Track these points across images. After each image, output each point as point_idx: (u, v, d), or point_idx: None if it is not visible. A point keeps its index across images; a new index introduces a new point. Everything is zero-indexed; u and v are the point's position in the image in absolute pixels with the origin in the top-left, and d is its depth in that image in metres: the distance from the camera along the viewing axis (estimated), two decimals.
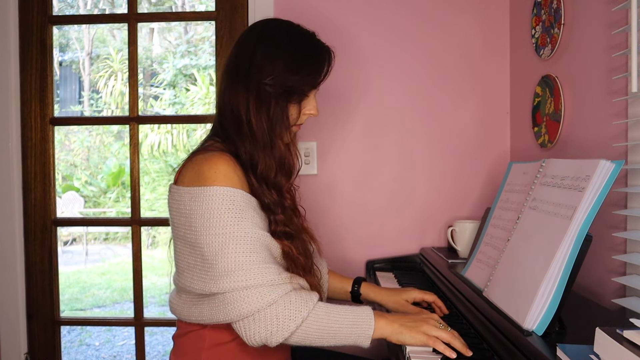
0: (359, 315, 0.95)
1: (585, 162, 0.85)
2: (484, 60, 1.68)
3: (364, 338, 0.94)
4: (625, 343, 0.58)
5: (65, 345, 3.84)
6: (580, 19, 1.22)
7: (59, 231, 2.05)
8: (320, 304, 0.95)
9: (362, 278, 1.29)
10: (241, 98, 1.01)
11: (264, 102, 1.01)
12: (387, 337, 0.95)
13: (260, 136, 1.01)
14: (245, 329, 0.90)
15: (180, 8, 10.62)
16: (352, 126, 1.69)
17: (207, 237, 0.92)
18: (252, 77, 1.01)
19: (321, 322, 0.93)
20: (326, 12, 1.67)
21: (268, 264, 0.93)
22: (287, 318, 0.90)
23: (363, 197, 1.70)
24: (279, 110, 1.03)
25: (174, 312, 1.05)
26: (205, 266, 0.93)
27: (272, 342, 0.90)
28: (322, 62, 1.07)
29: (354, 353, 1.33)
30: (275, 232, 1.01)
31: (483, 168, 1.69)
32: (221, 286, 0.90)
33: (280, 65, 1.01)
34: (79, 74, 11.73)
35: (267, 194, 1.01)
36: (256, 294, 0.89)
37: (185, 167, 1.01)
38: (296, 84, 1.03)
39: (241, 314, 0.89)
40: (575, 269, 0.80)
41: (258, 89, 1.01)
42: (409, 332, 0.93)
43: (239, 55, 1.05)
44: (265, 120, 1.02)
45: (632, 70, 0.94)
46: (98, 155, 10.08)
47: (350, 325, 0.94)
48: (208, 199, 0.92)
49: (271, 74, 1.01)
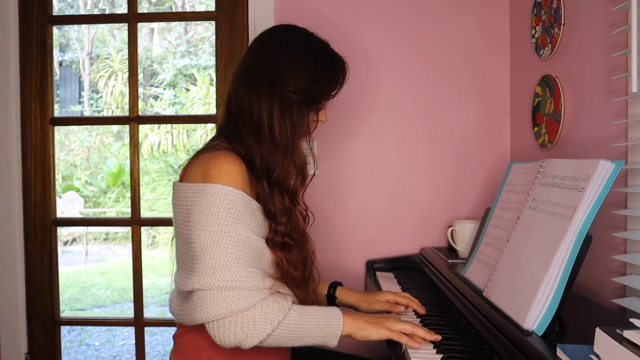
0: (328, 315, 0.98)
1: (585, 162, 0.85)
2: (484, 60, 1.68)
3: (333, 337, 0.97)
4: (625, 343, 0.58)
5: (65, 345, 3.84)
6: (580, 19, 1.22)
7: (59, 231, 2.05)
8: (294, 306, 0.96)
9: (338, 282, 1.29)
10: (264, 103, 1.02)
11: (287, 108, 1.03)
12: (352, 333, 0.98)
13: (282, 142, 1.02)
14: (219, 330, 0.89)
15: (180, 8, 10.62)
16: (352, 126, 1.69)
17: (201, 233, 0.91)
18: (276, 83, 1.03)
19: (294, 324, 0.94)
20: (326, 12, 1.67)
21: (253, 268, 0.94)
22: (264, 321, 0.90)
23: (363, 197, 1.70)
24: (301, 117, 1.06)
25: (172, 311, 1.05)
26: (192, 262, 0.93)
27: (247, 344, 0.90)
28: (340, 73, 1.12)
29: (354, 353, 1.33)
30: (273, 241, 1.01)
31: (483, 168, 1.69)
32: (203, 282, 0.89)
33: (304, 73, 1.04)
34: (79, 74, 11.74)
35: (277, 200, 1.02)
36: (236, 295, 0.89)
37: (191, 165, 1.02)
38: (317, 92, 1.07)
39: (218, 314, 0.88)
40: (575, 269, 0.80)
41: (282, 96, 1.03)
42: (373, 328, 0.97)
43: (259, 60, 1.06)
44: (289, 126, 1.04)
45: (632, 70, 0.94)
46: (98, 155, 10.09)
47: (321, 325, 0.96)
48: (209, 195, 0.93)
49: (295, 81, 1.03)
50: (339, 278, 1.39)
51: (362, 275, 1.69)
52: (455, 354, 0.90)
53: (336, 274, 1.63)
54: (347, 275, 1.68)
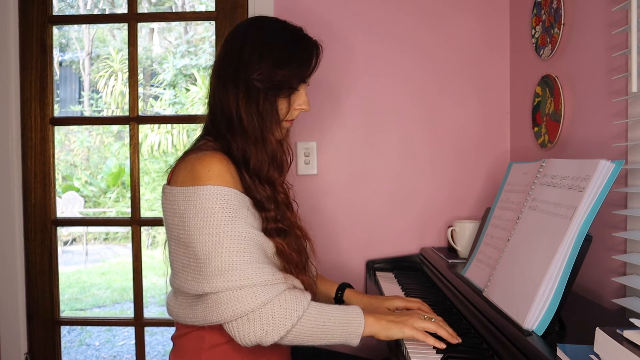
0: (349, 314, 0.96)
1: (585, 162, 0.85)
2: (484, 60, 1.68)
3: (355, 336, 0.95)
4: (625, 343, 0.58)
5: (65, 345, 3.84)
6: (580, 19, 1.22)
7: (59, 231, 2.05)
8: (313, 303, 0.96)
9: (347, 284, 1.28)
10: (231, 95, 1.03)
11: (253, 97, 1.03)
12: (375, 334, 0.96)
13: (251, 131, 1.02)
14: (238, 329, 0.89)
15: (180, 8, 10.62)
16: (352, 126, 1.69)
17: (201, 237, 0.91)
18: (241, 73, 1.02)
19: (315, 321, 0.93)
20: (326, 12, 1.67)
21: (262, 263, 0.93)
22: (283, 317, 0.90)
23: (363, 197, 1.70)
24: (268, 104, 1.04)
25: (171, 314, 1.05)
26: (199, 266, 0.92)
27: (267, 341, 0.90)
28: (309, 56, 1.08)
29: (354, 353, 1.33)
30: (267, 229, 1.01)
31: (483, 168, 1.69)
32: (214, 286, 0.90)
33: (268, 59, 1.02)
34: (79, 74, 11.73)
35: (260, 190, 1.01)
36: (250, 293, 0.89)
37: (178, 167, 1.01)
38: (284, 78, 1.04)
39: (235, 314, 0.89)
40: (575, 269, 0.80)
41: (247, 85, 1.02)
42: (396, 327, 0.95)
43: (226, 54, 1.07)
44: (256, 115, 1.03)
45: (632, 70, 0.94)
46: (98, 155, 10.08)
47: (342, 324, 0.95)
48: (201, 198, 0.92)
49: (259, 68, 1.02)
50: (339, 278, 1.39)
51: (362, 275, 1.69)
52: (455, 353, 0.90)
53: (336, 274, 1.63)
54: (347, 275, 1.68)
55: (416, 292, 1.33)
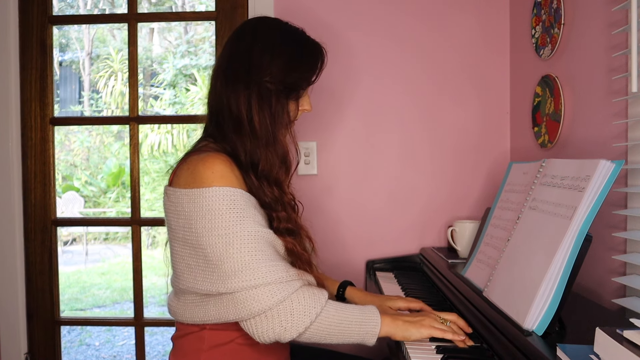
0: (366, 313, 0.96)
1: (585, 162, 0.85)
2: (484, 60, 1.68)
3: (371, 336, 0.95)
4: (625, 343, 0.58)
5: (65, 345, 3.84)
6: (580, 19, 1.22)
7: (59, 231, 2.05)
8: (330, 301, 0.96)
9: (349, 282, 1.28)
10: (242, 97, 1.02)
11: (265, 99, 1.02)
12: (392, 334, 0.96)
13: (263, 133, 1.02)
14: (256, 326, 0.90)
15: (180, 8, 10.62)
16: (352, 126, 1.69)
17: (210, 239, 0.91)
18: (252, 75, 1.02)
19: (332, 319, 0.93)
20: (326, 12, 1.67)
21: (275, 261, 0.93)
22: (302, 314, 0.90)
23: (363, 197, 1.70)
24: (280, 106, 1.05)
25: (174, 314, 1.05)
26: (210, 267, 0.92)
27: (286, 337, 0.90)
28: (317, 59, 1.10)
29: (354, 353, 1.33)
30: (278, 229, 1.01)
31: (483, 168, 1.69)
32: (229, 286, 0.90)
33: (279, 62, 1.03)
34: (79, 74, 11.73)
35: (267, 192, 1.02)
36: (266, 292, 0.89)
37: (180, 168, 1.01)
38: (295, 80, 1.05)
39: (252, 312, 0.89)
40: (575, 269, 0.80)
41: (259, 87, 1.02)
42: (414, 327, 0.95)
43: (234, 55, 1.06)
44: (268, 117, 1.03)
45: (632, 70, 0.94)
46: (98, 155, 10.08)
47: (359, 322, 0.95)
48: (207, 200, 0.92)
49: (271, 71, 1.02)
50: (338, 278, 1.38)
51: (362, 275, 1.69)
52: (455, 353, 0.90)
53: (336, 274, 1.62)
54: (347, 275, 1.67)
55: (416, 292, 1.33)
